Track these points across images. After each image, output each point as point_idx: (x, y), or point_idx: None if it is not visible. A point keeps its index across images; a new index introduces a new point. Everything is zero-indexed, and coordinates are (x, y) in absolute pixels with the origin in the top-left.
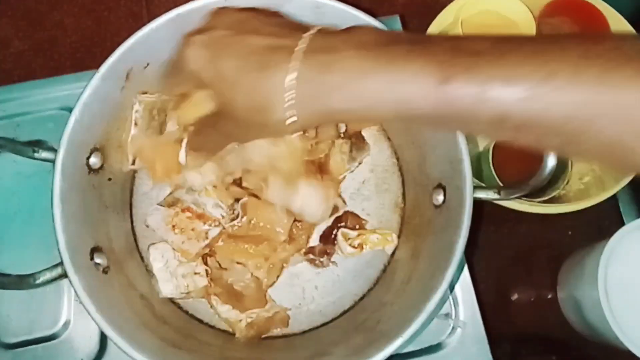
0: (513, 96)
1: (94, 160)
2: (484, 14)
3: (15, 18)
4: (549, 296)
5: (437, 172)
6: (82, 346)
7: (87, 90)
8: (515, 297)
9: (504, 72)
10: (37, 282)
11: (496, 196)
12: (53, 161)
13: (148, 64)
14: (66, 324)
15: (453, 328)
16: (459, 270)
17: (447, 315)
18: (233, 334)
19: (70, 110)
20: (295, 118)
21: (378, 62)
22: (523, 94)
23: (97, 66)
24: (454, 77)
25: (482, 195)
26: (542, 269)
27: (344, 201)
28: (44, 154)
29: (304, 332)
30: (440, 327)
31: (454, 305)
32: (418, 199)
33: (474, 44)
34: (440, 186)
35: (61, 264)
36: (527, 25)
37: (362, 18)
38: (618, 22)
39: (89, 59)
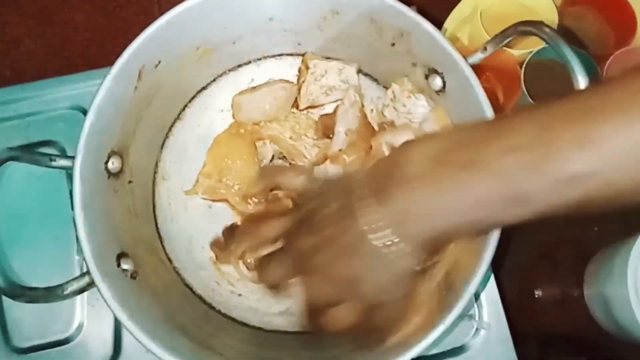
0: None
1: (113, 164)
2: (504, 3)
3: (25, 17)
4: (576, 294)
5: None
6: (96, 349)
7: (100, 93)
8: (540, 295)
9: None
10: (66, 292)
11: None
12: (71, 168)
13: (160, 62)
14: (80, 327)
15: (477, 329)
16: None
17: (471, 316)
18: (268, 331)
19: (81, 109)
20: (407, 249)
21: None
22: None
23: (109, 63)
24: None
25: None
26: (567, 266)
27: None
28: (62, 162)
29: None
30: (463, 328)
31: (478, 306)
32: None
33: (518, 136)
34: None
35: (88, 272)
36: (549, 15)
37: (408, 14)
38: None
39: (100, 56)
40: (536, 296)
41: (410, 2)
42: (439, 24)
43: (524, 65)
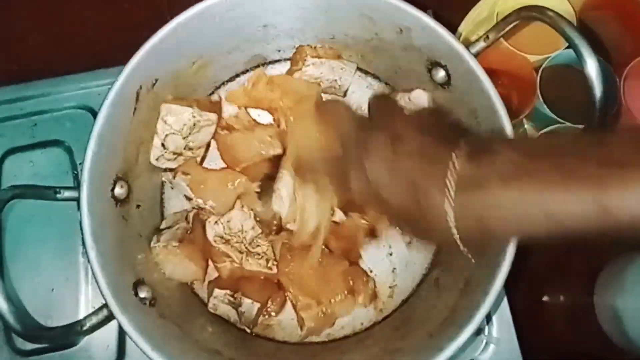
0: None
1: (119, 191)
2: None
3: (33, 11)
4: (586, 306)
5: None
6: (99, 353)
7: (99, 120)
8: (549, 306)
9: None
10: (85, 328)
11: None
12: (77, 199)
13: (156, 80)
14: None
15: (486, 344)
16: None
17: (480, 331)
18: (293, 343)
19: (88, 108)
20: (457, 236)
21: (526, 193)
22: None
23: (117, 60)
24: (610, 196)
25: None
26: (578, 276)
27: None
28: (67, 194)
29: (367, 329)
30: (472, 343)
31: (487, 321)
32: None
33: (618, 152)
34: None
35: (105, 305)
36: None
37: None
38: None
39: (108, 52)
40: (545, 307)
41: (425, 7)
42: (453, 28)
43: (540, 71)
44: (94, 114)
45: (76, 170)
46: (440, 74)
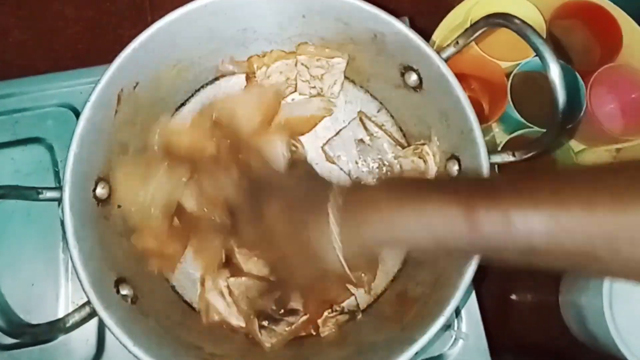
0: (534, 225)
1: (101, 191)
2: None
3: (15, 7)
4: (552, 303)
5: (448, 144)
6: (79, 348)
7: (81, 122)
8: (516, 303)
9: (522, 204)
10: (68, 325)
11: (512, 158)
12: (59, 200)
13: (137, 83)
14: None
15: (455, 339)
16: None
17: (449, 326)
18: None
19: (70, 107)
20: (346, 266)
21: (406, 202)
22: (542, 224)
23: (98, 59)
24: (476, 207)
25: (498, 159)
26: (545, 275)
27: None
28: (50, 194)
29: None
30: (441, 338)
31: (456, 317)
32: None
33: (491, 179)
34: (454, 157)
35: (88, 302)
36: (537, 28)
37: (380, 15)
38: (630, 26)
39: (90, 50)
40: (513, 304)
41: (402, 14)
42: (429, 34)
43: (511, 77)
44: (76, 112)
45: (57, 168)
46: (413, 77)
